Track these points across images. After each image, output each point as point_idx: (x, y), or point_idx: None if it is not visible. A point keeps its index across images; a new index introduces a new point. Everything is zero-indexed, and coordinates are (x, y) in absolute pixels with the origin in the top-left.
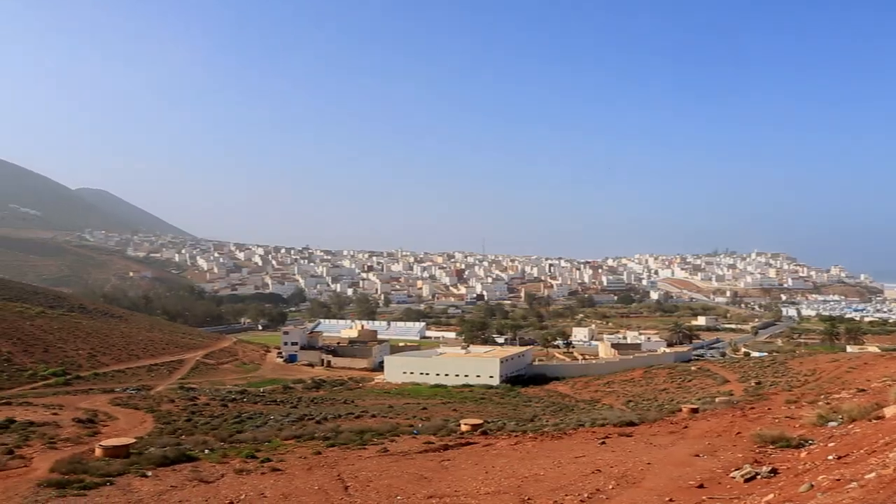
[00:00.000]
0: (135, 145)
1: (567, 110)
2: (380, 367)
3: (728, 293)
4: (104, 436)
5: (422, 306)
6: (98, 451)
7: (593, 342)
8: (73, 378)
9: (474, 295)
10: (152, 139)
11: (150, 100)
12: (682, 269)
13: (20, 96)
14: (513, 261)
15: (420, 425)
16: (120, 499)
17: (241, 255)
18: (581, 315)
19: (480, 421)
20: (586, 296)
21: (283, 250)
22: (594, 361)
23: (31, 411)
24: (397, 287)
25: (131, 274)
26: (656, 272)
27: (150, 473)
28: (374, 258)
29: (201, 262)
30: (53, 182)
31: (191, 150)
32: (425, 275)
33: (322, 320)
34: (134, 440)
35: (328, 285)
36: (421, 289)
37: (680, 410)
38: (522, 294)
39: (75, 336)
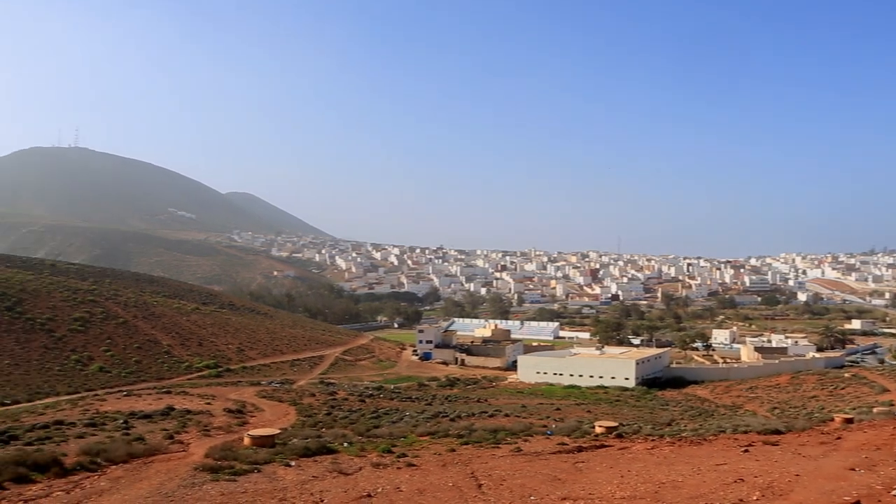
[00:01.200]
0: (278, 150)
1: (709, 110)
2: (513, 367)
3: (887, 295)
4: (252, 426)
5: (555, 306)
6: (246, 440)
7: (735, 345)
8: (223, 370)
9: (609, 295)
10: (294, 143)
11: (294, 105)
12: (834, 268)
13: (176, 108)
14: (649, 260)
15: (554, 426)
16: (266, 486)
17: (377, 255)
18: (721, 316)
19: (615, 423)
20: (727, 297)
21: (417, 250)
22: (736, 365)
23: (187, 400)
24: (531, 287)
25: (275, 273)
26: (804, 272)
27: (293, 463)
28: (508, 258)
29: (340, 261)
30: (206, 187)
31: (331, 153)
32: (559, 274)
33: (456, 319)
34: (278, 431)
35: (462, 284)
36: (554, 288)
37: (832, 420)
38: (659, 294)
39: (225, 331)
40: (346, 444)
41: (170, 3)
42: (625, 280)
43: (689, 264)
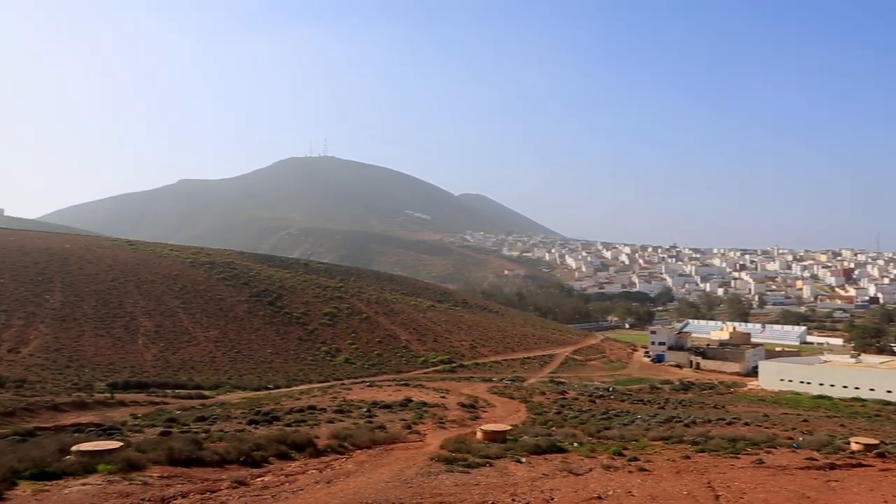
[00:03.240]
0: (510, 151)
1: None
2: (753, 373)
3: None
4: (483, 421)
5: (802, 308)
6: (479, 435)
7: None
8: (457, 366)
9: (866, 297)
10: (526, 145)
11: (525, 107)
12: None
13: (411, 114)
14: None
15: (801, 439)
16: (498, 480)
17: (607, 254)
18: None
19: (876, 441)
20: None
21: (649, 249)
22: None
23: (424, 393)
24: (773, 287)
25: (506, 272)
26: None
27: (523, 460)
28: (747, 256)
29: (570, 260)
30: (440, 189)
31: (562, 154)
32: (806, 274)
33: (690, 320)
34: (510, 427)
35: (696, 284)
36: (801, 289)
37: None
38: None
39: (459, 328)
40: (576, 444)
41: (407, 16)
42: (885, 281)
43: None
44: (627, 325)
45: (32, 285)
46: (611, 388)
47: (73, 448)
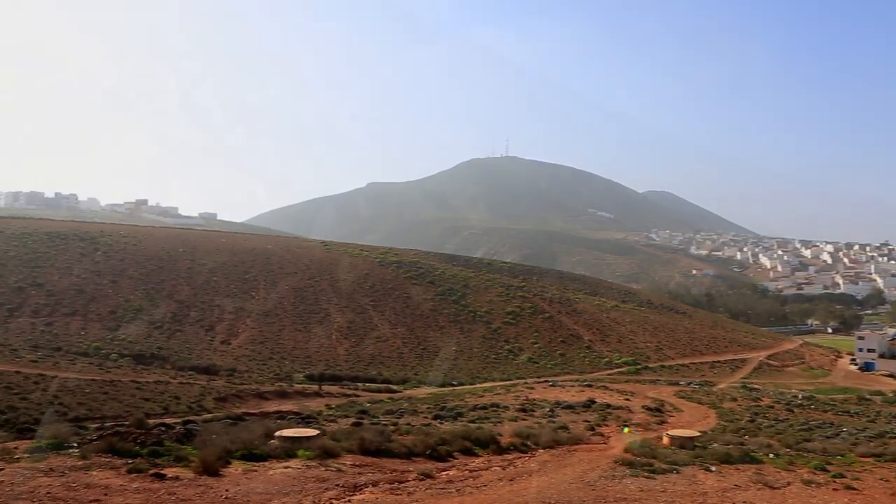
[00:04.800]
0: (697, 147)
1: None
2: None
3: None
4: (670, 425)
5: None
6: (665, 440)
7: None
8: (641, 368)
9: None
10: (712, 139)
11: (709, 100)
12: None
13: (591, 112)
14: None
15: None
16: (685, 488)
17: (806, 253)
18: None
19: None
20: None
21: (856, 247)
22: None
23: (607, 394)
24: None
25: (694, 272)
26: None
27: (713, 469)
28: None
29: (764, 259)
30: (623, 187)
31: (751, 147)
32: None
33: None
34: (698, 433)
35: None
36: None
37: None
38: None
39: (644, 329)
40: (771, 456)
41: (582, 13)
42: None
43: None
44: (830, 330)
45: (241, 283)
46: (811, 397)
47: (277, 434)
